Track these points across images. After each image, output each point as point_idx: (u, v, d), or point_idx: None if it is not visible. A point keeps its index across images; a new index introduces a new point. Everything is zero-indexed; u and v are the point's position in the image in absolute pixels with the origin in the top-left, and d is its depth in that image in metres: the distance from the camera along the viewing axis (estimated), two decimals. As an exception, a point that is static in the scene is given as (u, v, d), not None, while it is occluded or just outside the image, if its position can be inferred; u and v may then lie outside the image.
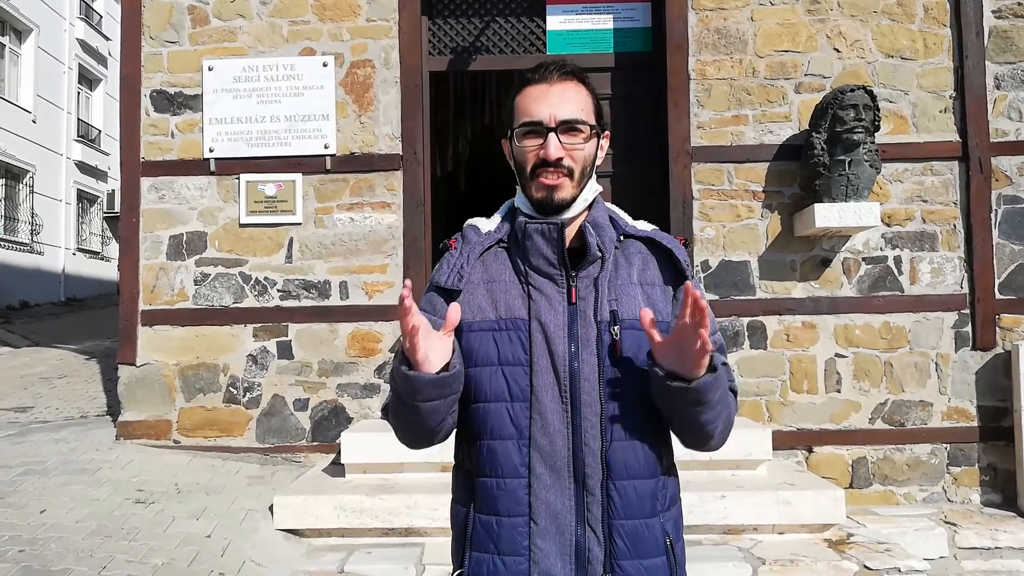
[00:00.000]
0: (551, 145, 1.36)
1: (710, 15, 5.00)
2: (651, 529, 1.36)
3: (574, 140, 1.38)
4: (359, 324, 4.98)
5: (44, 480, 4.24)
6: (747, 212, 4.92)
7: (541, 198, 1.40)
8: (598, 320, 1.38)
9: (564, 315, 1.38)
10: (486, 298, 1.43)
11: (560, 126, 1.37)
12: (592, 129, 1.40)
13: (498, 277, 1.44)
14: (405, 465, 4.22)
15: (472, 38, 5.31)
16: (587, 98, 1.42)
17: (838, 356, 4.85)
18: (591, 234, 1.40)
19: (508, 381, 1.38)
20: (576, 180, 1.40)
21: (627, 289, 1.41)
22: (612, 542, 1.34)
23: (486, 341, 1.40)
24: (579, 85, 1.42)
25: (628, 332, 1.37)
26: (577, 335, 1.37)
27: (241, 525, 3.87)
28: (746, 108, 4.96)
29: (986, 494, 4.78)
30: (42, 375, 7.61)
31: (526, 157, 1.40)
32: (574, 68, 1.43)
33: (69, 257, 17.80)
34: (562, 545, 1.34)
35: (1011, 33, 4.92)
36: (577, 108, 1.39)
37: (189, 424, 4.96)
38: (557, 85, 1.40)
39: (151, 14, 5.13)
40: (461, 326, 1.39)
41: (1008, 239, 4.86)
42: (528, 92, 1.41)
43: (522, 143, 1.40)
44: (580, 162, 1.39)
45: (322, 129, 5.05)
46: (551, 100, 1.38)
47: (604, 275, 1.41)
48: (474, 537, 1.40)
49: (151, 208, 5.08)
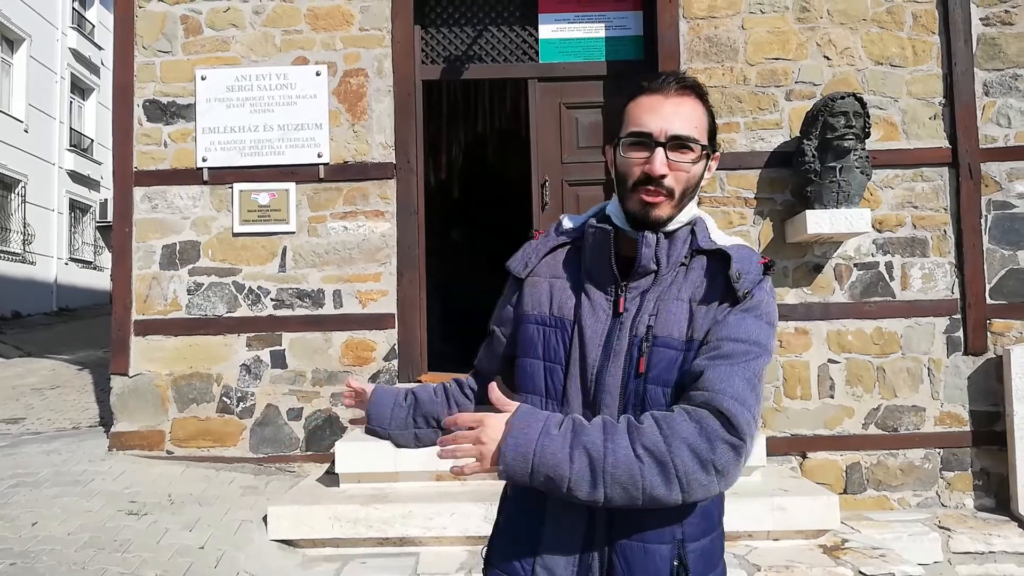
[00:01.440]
0: (657, 160, 1.30)
1: (701, 23, 5.03)
2: (652, 556, 1.29)
3: (682, 158, 1.32)
4: (353, 333, 4.97)
5: (36, 492, 4.21)
6: (739, 219, 4.94)
7: (636, 212, 1.35)
8: (633, 334, 1.33)
9: (605, 324, 1.36)
10: (546, 293, 1.44)
11: (670, 141, 1.31)
12: (703, 149, 1.34)
13: (561, 275, 1.44)
14: (400, 474, 4.21)
15: (465, 47, 5.33)
16: (703, 116, 1.36)
17: (831, 362, 4.87)
18: (647, 245, 1.34)
19: (547, 377, 1.39)
20: (676, 200, 1.34)
21: (672, 305, 1.33)
22: (611, 559, 1.31)
23: (536, 334, 1.42)
24: (696, 101, 1.36)
25: (659, 350, 1.31)
26: (612, 347, 1.34)
27: (235, 536, 3.85)
28: (737, 115, 4.99)
29: (980, 498, 4.79)
30: (34, 386, 7.56)
31: (630, 169, 1.35)
32: (695, 83, 1.37)
33: (61, 267, 17.73)
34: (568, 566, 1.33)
35: (999, 40, 4.96)
36: (691, 125, 1.33)
37: (182, 434, 4.94)
38: (673, 98, 1.33)
39: (144, 24, 5.14)
40: (521, 316, 1.46)
41: (998, 244, 4.89)
42: (641, 101, 1.35)
43: (628, 154, 1.35)
44: (683, 182, 1.33)
45: (315, 138, 5.06)
46: (665, 113, 1.32)
47: (655, 289, 1.35)
48: (501, 510, 1.48)
49: (144, 218, 5.07)
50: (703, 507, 1.33)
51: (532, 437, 1.21)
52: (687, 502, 1.21)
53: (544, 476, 1.20)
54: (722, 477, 1.20)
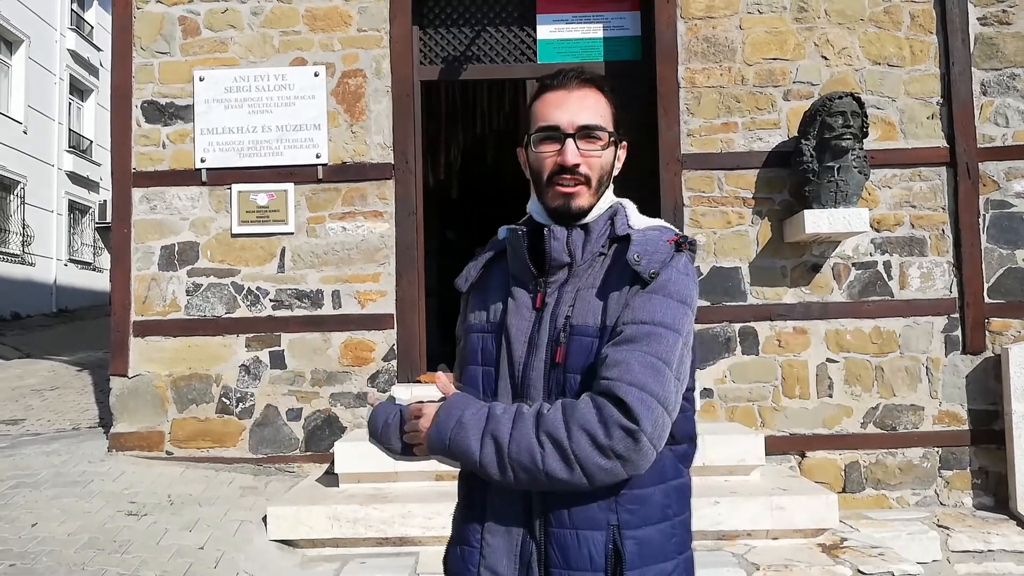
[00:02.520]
0: (569, 151, 1.34)
1: (699, 24, 5.04)
2: (585, 542, 1.29)
3: (592, 147, 1.37)
4: (352, 333, 4.98)
5: (35, 493, 4.21)
6: (737, 219, 4.95)
7: (558, 206, 1.38)
8: (553, 326, 1.36)
9: (529, 321, 1.39)
10: (482, 301, 1.49)
11: (578, 132, 1.35)
12: (610, 136, 1.39)
13: (494, 282, 1.49)
14: (399, 474, 4.21)
15: (463, 47, 5.33)
16: (606, 106, 1.41)
17: (829, 361, 4.88)
18: (555, 238, 1.37)
19: (483, 382, 1.43)
20: (593, 188, 1.38)
21: (587, 294, 1.36)
22: (547, 549, 1.32)
23: (476, 342, 1.47)
24: (598, 93, 1.41)
25: (576, 339, 1.33)
26: (534, 341, 1.37)
27: (234, 536, 3.85)
28: (735, 115, 4.99)
29: (978, 497, 4.80)
30: (33, 387, 7.56)
31: (543, 163, 1.38)
32: (594, 76, 1.42)
33: (61, 268, 17.72)
34: (510, 544, 1.36)
35: (996, 40, 4.97)
36: (596, 115, 1.38)
37: (182, 435, 4.95)
38: (576, 91, 1.38)
39: (142, 25, 5.14)
40: (466, 327, 1.52)
41: (996, 243, 4.90)
42: (547, 98, 1.40)
43: (539, 149, 1.38)
44: (597, 170, 1.38)
45: (314, 139, 5.06)
46: (570, 106, 1.37)
47: (572, 281, 1.38)
48: (453, 524, 1.52)
49: (143, 219, 5.08)
50: (640, 494, 1.30)
51: (449, 425, 1.30)
52: (595, 486, 1.23)
53: (460, 459, 1.31)
54: (625, 462, 1.20)
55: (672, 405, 1.26)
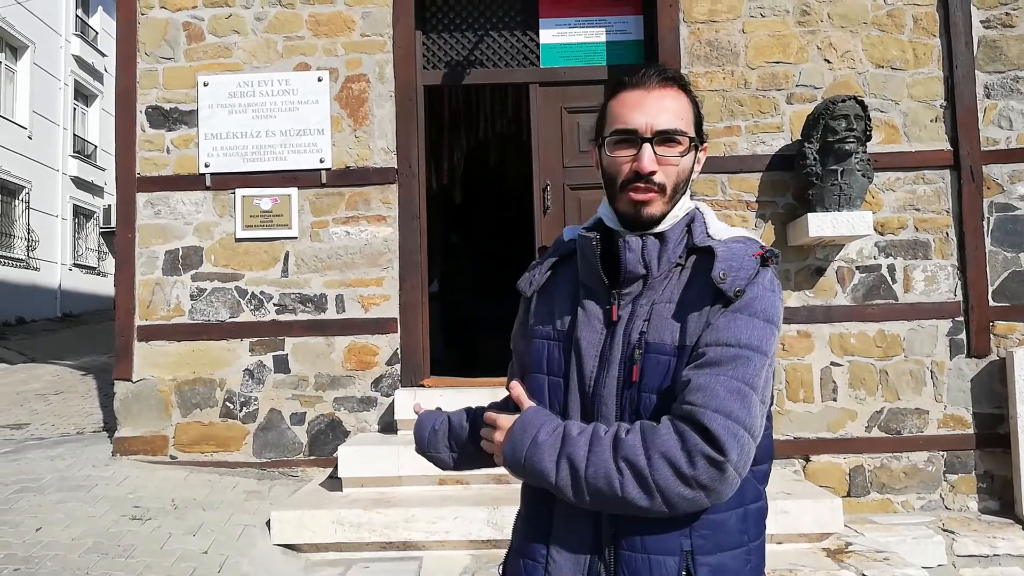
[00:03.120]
0: (645, 157, 1.26)
1: (702, 27, 5.04)
2: (657, 567, 1.23)
3: (670, 152, 1.28)
4: (356, 337, 4.98)
5: (40, 497, 4.22)
6: (741, 222, 4.94)
7: (629, 213, 1.30)
8: (627, 342, 1.28)
9: (600, 334, 1.32)
10: (548, 307, 1.41)
11: (656, 136, 1.27)
12: (691, 141, 1.31)
13: (562, 288, 1.41)
14: (403, 479, 4.21)
15: (466, 52, 5.34)
16: (687, 107, 1.32)
17: (834, 364, 4.86)
18: (631, 249, 1.29)
19: (551, 392, 1.36)
20: (668, 196, 1.30)
21: (664, 309, 1.28)
22: (616, 571, 1.27)
23: (541, 349, 1.39)
24: (680, 93, 1.31)
25: (651, 357, 1.26)
26: (607, 356, 1.30)
27: (238, 541, 3.85)
28: (739, 119, 4.99)
29: (984, 501, 4.78)
30: (38, 391, 7.58)
31: (617, 168, 1.30)
32: (676, 74, 1.33)
33: (65, 273, 17.76)
34: (577, 564, 1.31)
35: (1000, 43, 4.96)
36: (676, 117, 1.29)
37: (186, 439, 4.95)
38: (656, 91, 1.29)
39: (147, 30, 5.16)
40: (530, 332, 1.43)
41: (1001, 246, 4.88)
42: (624, 98, 1.31)
43: (613, 153, 1.30)
44: (674, 177, 1.29)
45: (317, 143, 5.07)
46: (649, 108, 1.28)
47: (647, 294, 1.30)
48: (514, 533, 1.47)
49: (147, 223, 5.09)
50: (716, 519, 1.24)
51: (524, 444, 1.26)
52: (676, 514, 1.18)
53: (535, 479, 1.26)
54: (709, 492, 1.15)
55: (757, 431, 1.19)
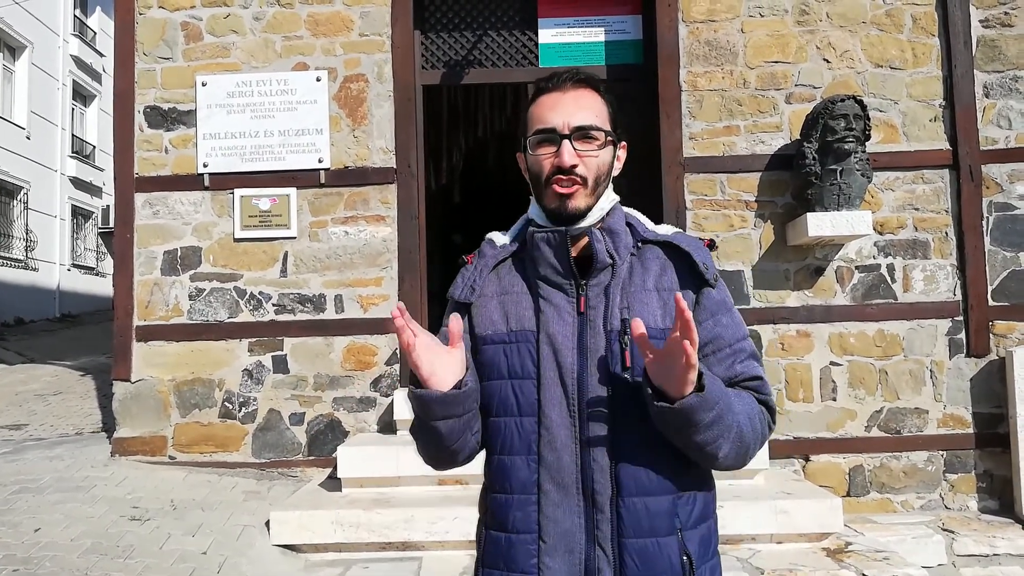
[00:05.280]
0: (565, 152, 1.33)
1: (700, 27, 5.04)
2: (664, 548, 1.28)
3: (588, 147, 1.35)
4: (354, 337, 4.97)
5: (39, 498, 4.21)
6: (740, 222, 4.94)
7: (555, 207, 1.36)
8: (608, 330, 1.33)
9: (573, 326, 1.35)
10: (499, 311, 1.41)
11: (574, 132, 1.34)
12: (607, 136, 1.38)
13: (511, 289, 1.42)
14: (402, 479, 4.21)
15: (465, 52, 5.34)
16: (602, 106, 1.40)
17: (833, 364, 4.86)
18: (599, 240, 1.36)
19: (516, 395, 1.35)
20: (591, 188, 1.36)
21: (641, 296, 1.35)
22: (622, 561, 1.28)
23: (498, 354, 1.39)
24: (593, 93, 1.40)
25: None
26: (586, 346, 1.33)
27: (237, 541, 3.85)
28: (737, 119, 4.99)
29: (983, 501, 4.78)
30: (37, 392, 7.58)
31: (540, 166, 1.37)
32: (588, 76, 1.41)
33: (64, 273, 17.76)
34: (571, 564, 1.30)
35: (999, 42, 4.96)
36: (592, 115, 1.36)
37: (184, 440, 4.94)
38: (571, 92, 1.38)
39: (145, 30, 5.16)
40: (477, 340, 1.41)
41: (1000, 246, 4.88)
42: (542, 100, 1.39)
43: (536, 151, 1.37)
44: (594, 170, 1.36)
45: (316, 143, 5.07)
46: (565, 107, 1.36)
47: (616, 283, 1.36)
48: (486, 553, 1.39)
49: (145, 223, 5.08)
50: (705, 495, 1.38)
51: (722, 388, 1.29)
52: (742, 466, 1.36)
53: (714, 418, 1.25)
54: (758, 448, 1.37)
55: None
